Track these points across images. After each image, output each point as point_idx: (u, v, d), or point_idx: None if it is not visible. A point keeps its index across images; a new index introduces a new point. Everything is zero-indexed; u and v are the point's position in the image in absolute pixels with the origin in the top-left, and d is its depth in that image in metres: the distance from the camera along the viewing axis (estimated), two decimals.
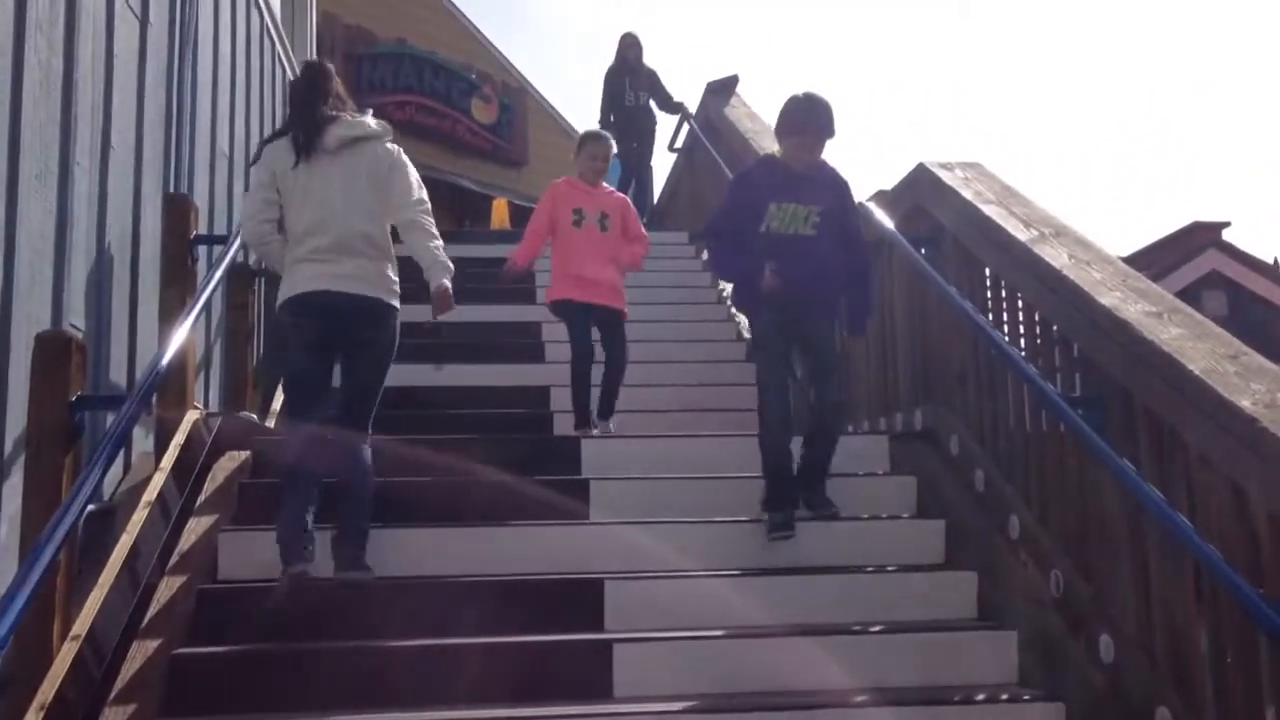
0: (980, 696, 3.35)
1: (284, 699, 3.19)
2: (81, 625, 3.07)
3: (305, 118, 3.86)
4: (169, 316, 4.31)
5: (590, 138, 5.60)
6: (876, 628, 3.62)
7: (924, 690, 3.41)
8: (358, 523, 3.70)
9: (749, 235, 4.21)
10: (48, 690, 2.83)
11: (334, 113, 3.89)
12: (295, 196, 3.79)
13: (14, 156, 3.26)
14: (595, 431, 5.09)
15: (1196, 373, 2.97)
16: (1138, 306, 3.38)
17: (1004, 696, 3.35)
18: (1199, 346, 3.11)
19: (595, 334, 5.33)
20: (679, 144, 10.26)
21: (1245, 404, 2.79)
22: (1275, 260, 11.41)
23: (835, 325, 4.62)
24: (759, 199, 4.21)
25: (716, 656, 3.47)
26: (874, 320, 5.10)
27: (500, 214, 12.27)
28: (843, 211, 4.32)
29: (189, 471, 4.09)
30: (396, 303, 3.87)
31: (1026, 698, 3.36)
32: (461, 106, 17.32)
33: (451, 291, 3.92)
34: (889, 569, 3.98)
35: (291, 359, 3.82)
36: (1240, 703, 2.82)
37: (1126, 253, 11.33)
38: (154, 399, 3.84)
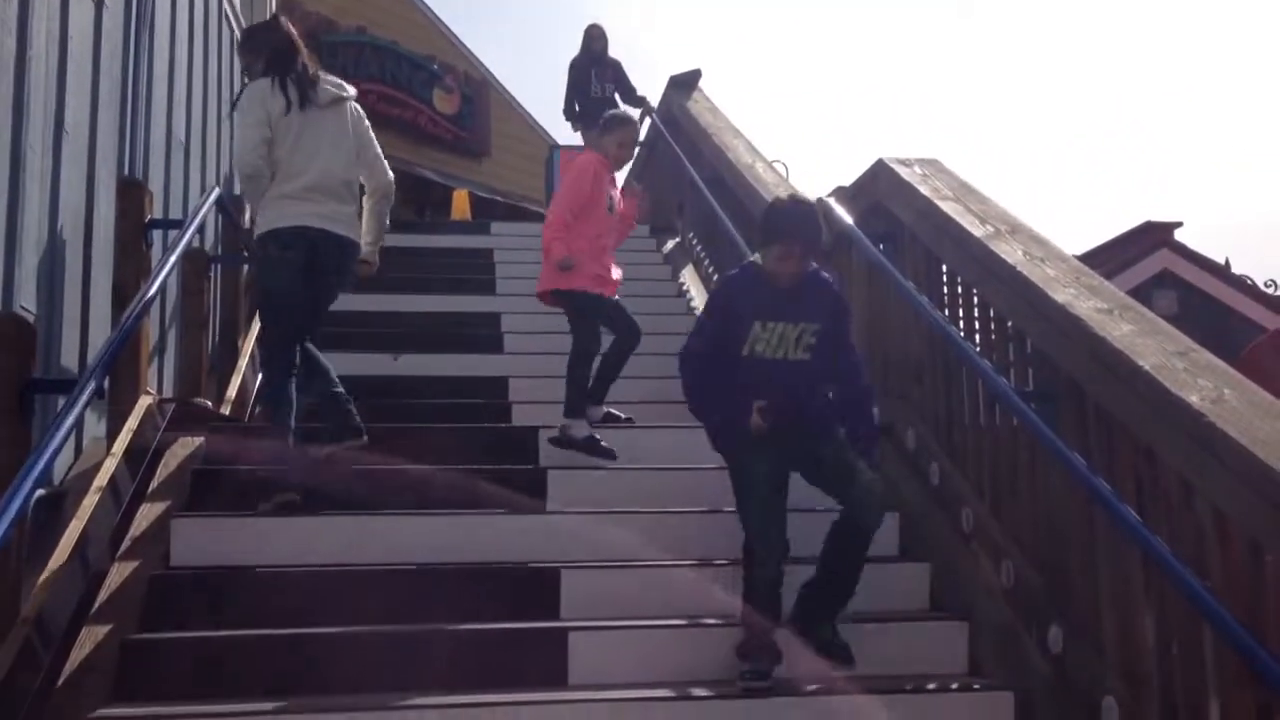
0: (931, 685, 3.39)
1: (235, 685, 3.17)
2: (31, 609, 3.03)
3: (295, 70, 4.29)
4: (122, 301, 4.26)
5: (621, 121, 5.27)
6: None
7: (878, 679, 3.43)
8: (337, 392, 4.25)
9: (730, 360, 3.54)
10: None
11: (314, 70, 4.37)
12: (286, 139, 4.19)
13: None
14: (604, 411, 4.94)
15: (1146, 369, 3.02)
16: (1090, 303, 3.43)
17: (954, 685, 3.40)
18: (1149, 343, 3.16)
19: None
20: (640, 137, 10.25)
21: (1193, 399, 2.84)
22: (1225, 260, 11.63)
23: (839, 430, 3.65)
24: (743, 314, 3.54)
25: (673, 646, 3.48)
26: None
27: (461, 205, 12.22)
28: (838, 333, 3.64)
29: (141, 457, 4.05)
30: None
31: (976, 687, 3.41)
32: (423, 96, 17.20)
33: None
34: None
35: (283, 281, 4.17)
36: (1185, 693, 2.87)
37: (1087, 249, 11.50)
38: (106, 384, 3.79)
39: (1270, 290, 11.13)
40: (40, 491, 2.99)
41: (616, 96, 10.02)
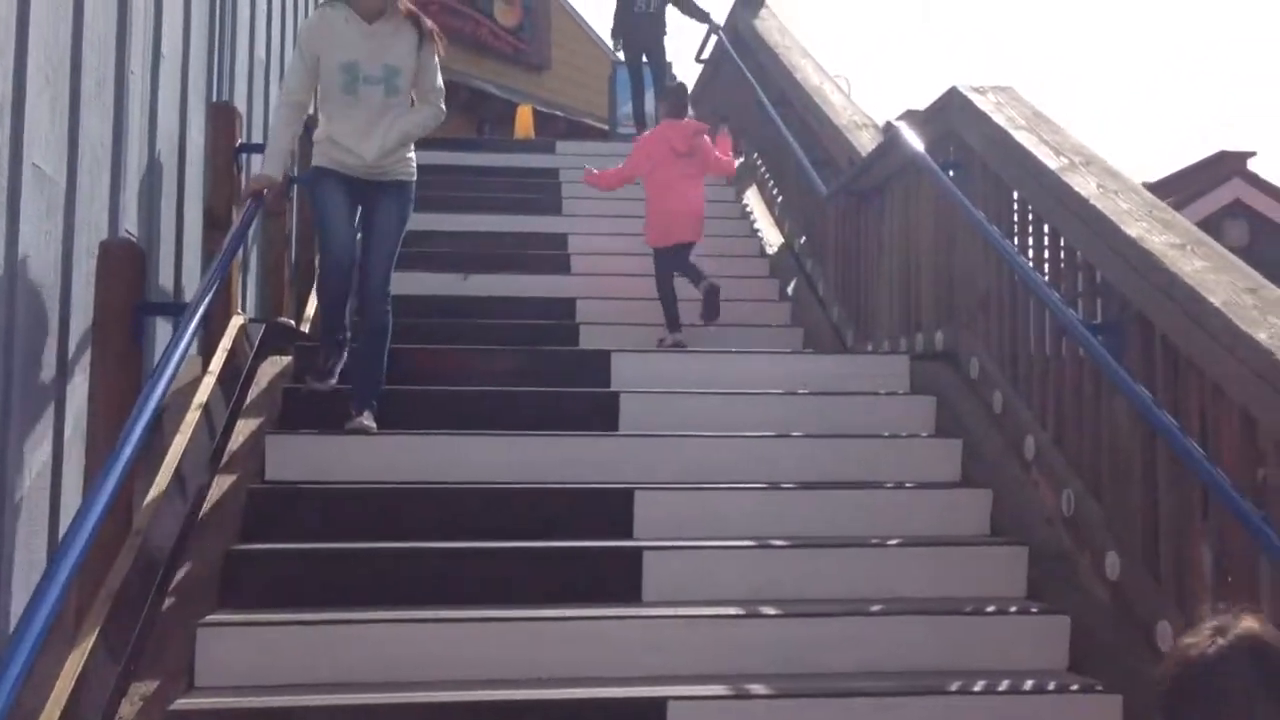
0: (990, 609, 3.51)
1: (333, 594, 3.37)
2: (141, 521, 3.25)
3: None
4: (214, 223, 4.42)
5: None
6: (894, 541, 3.78)
7: (936, 601, 3.58)
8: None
9: None
10: (113, 581, 3.01)
11: None
12: None
13: (76, 66, 3.34)
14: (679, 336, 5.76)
15: (1216, 305, 3.07)
16: (1163, 238, 3.47)
17: (1012, 609, 3.52)
18: (1220, 279, 3.20)
19: None
20: (705, 55, 10.18)
21: (1262, 337, 2.90)
22: None
23: None
24: None
25: (742, 566, 3.63)
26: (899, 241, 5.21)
27: (525, 122, 12.20)
28: None
29: (235, 376, 4.24)
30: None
31: (1034, 610, 3.53)
32: (483, 8, 17.14)
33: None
34: (907, 485, 4.13)
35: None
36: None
37: (1161, 177, 11.33)
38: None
39: None
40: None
41: (668, 11, 9.78)
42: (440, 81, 4.26)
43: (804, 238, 7.02)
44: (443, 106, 4.30)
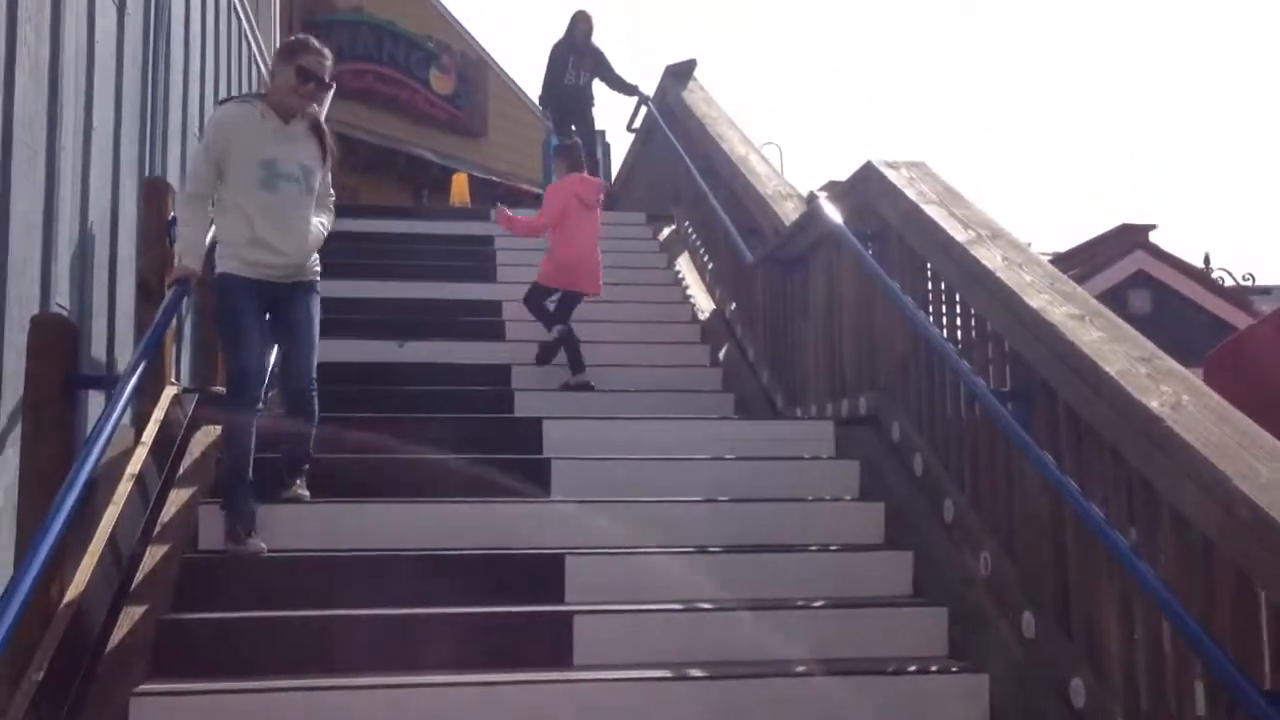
0: (912, 667, 3.63)
1: (262, 663, 3.39)
2: (74, 591, 3.26)
3: None
4: (147, 294, 4.47)
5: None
6: (819, 603, 3.89)
7: (861, 661, 3.68)
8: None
9: None
10: (46, 651, 3.02)
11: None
12: None
13: (7, 140, 3.40)
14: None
15: (1112, 374, 3.25)
16: (1063, 309, 3.65)
17: (933, 668, 3.64)
18: (1116, 349, 3.38)
19: None
20: (636, 124, 10.41)
21: (1153, 404, 3.07)
22: (1205, 257, 11.98)
23: None
24: None
25: (672, 628, 3.72)
26: (823, 308, 5.38)
27: (460, 189, 12.34)
28: None
29: (168, 446, 4.27)
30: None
31: (954, 669, 3.65)
32: (420, 76, 17.36)
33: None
34: (831, 548, 4.25)
35: None
36: (1147, 676, 3.11)
37: (1073, 245, 11.79)
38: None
39: (1248, 283, 11.45)
40: None
41: (594, 85, 10.08)
42: (331, 187, 4.33)
43: (734, 304, 7.19)
44: (333, 210, 4.36)
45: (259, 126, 3.97)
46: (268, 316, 4.07)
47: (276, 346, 4.23)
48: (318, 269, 4.23)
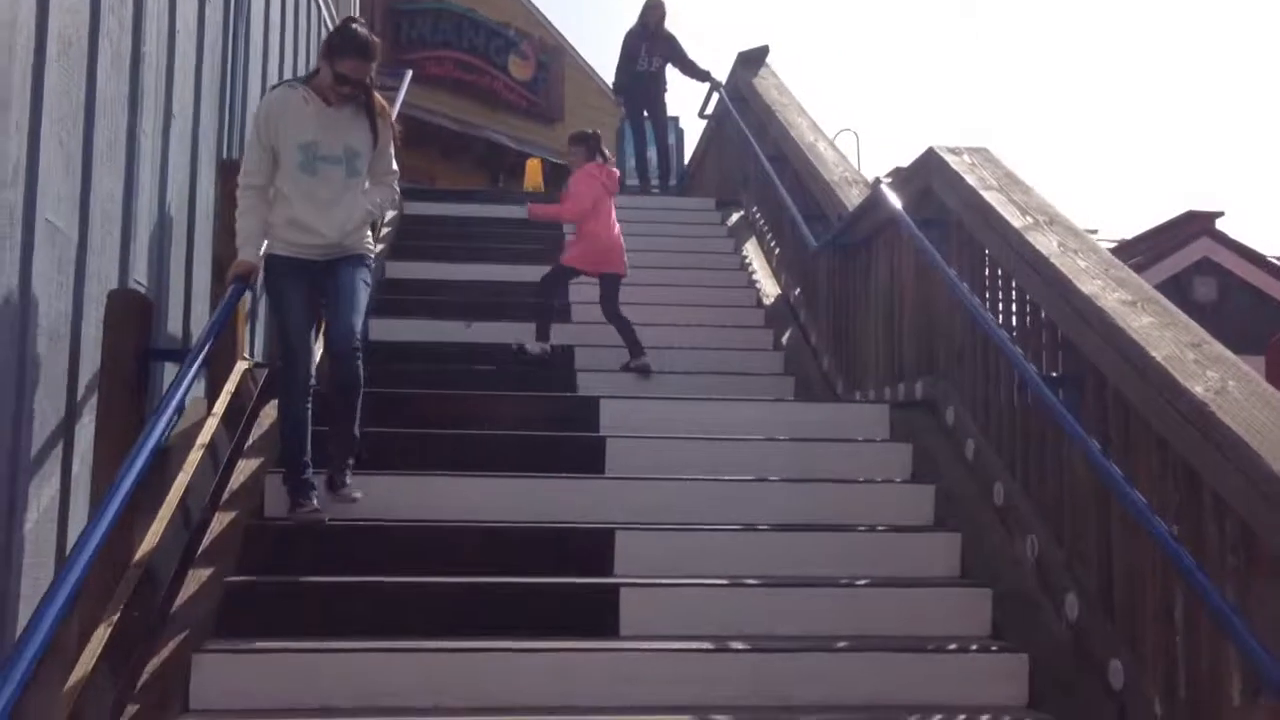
0: (952, 646, 3.66)
1: (324, 625, 3.54)
2: (144, 553, 3.44)
3: None
4: (221, 274, 4.64)
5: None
6: (862, 581, 3.94)
7: (903, 639, 3.72)
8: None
9: None
10: (115, 608, 3.20)
11: None
12: None
13: (89, 126, 3.58)
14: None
15: (1159, 359, 3.24)
16: (1115, 295, 3.65)
17: (974, 648, 3.67)
18: (1165, 335, 3.37)
19: None
20: (709, 111, 10.46)
21: (1198, 390, 3.06)
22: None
23: None
24: None
25: (716, 603, 3.80)
26: (884, 294, 5.40)
27: (534, 175, 12.48)
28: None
29: (238, 417, 4.44)
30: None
31: (994, 649, 3.67)
32: (499, 63, 17.55)
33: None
34: (879, 528, 4.29)
35: None
36: (1181, 658, 3.11)
37: (1137, 233, 11.60)
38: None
39: None
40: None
41: (668, 70, 10.12)
42: (395, 165, 4.27)
43: (798, 289, 7.22)
44: (397, 188, 4.34)
45: (300, 109, 3.99)
46: (317, 295, 4.09)
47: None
48: (369, 244, 4.21)
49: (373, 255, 4.27)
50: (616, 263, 6.53)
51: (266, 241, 4.04)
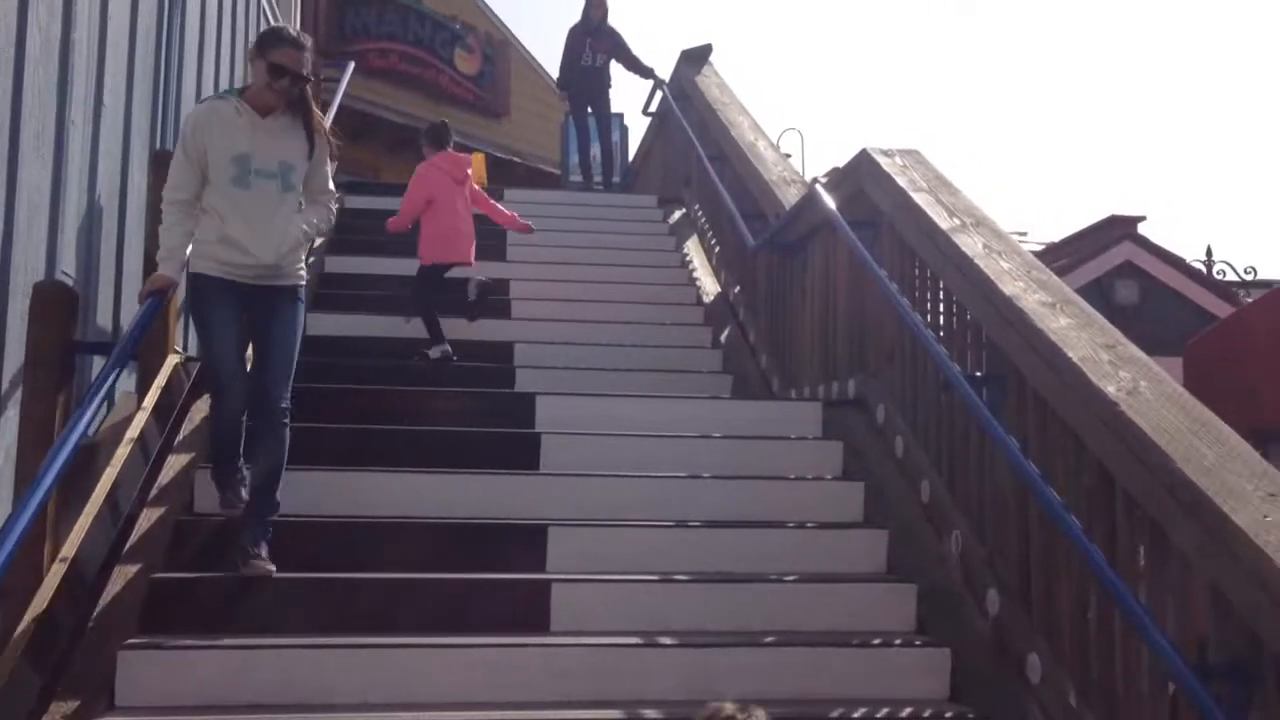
0: (877, 641, 3.73)
1: (251, 622, 3.54)
2: (69, 548, 3.41)
3: None
4: (154, 266, 4.60)
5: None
6: (790, 577, 4.00)
7: (830, 634, 3.79)
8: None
9: None
10: (39, 604, 3.17)
11: None
12: None
13: (15, 116, 3.54)
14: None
15: (1074, 359, 3.33)
16: (1035, 297, 3.73)
17: (897, 642, 3.75)
18: (1081, 336, 3.46)
19: None
20: (653, 108, 10.48)
21: (1111, 390, 3.15)
22: (1207, 250, 12.07)
23: None
24: None
25: (647, 598, 3.84)
26: (819, 293, 5.47)
27: (478, 170, 12.43)
28: None
29: (168, 412, 4.41)
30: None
31: (918, 643, 3.75)
32: (444, 56, 17.45)
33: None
34: (809, 525, 4.35)
35: None
36: (1097, 652, 3.20)
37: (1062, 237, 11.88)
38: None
39: (1250, 277, 11.48)
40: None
41: (611, 66, 10.16)
42: (331, 183, 4.08)
43: (737, 288, 7.28)
44: (333, 208, 4.16)
45: (233, 122, 3.80)
46: (249, 321, 3.91)
47: (251, 348, 4.03)
48: (301, 272, 3.97)
49: (304, 283, 4.02)
50: (463, 251, 6.47)
51: (194, 259, 3.87)
